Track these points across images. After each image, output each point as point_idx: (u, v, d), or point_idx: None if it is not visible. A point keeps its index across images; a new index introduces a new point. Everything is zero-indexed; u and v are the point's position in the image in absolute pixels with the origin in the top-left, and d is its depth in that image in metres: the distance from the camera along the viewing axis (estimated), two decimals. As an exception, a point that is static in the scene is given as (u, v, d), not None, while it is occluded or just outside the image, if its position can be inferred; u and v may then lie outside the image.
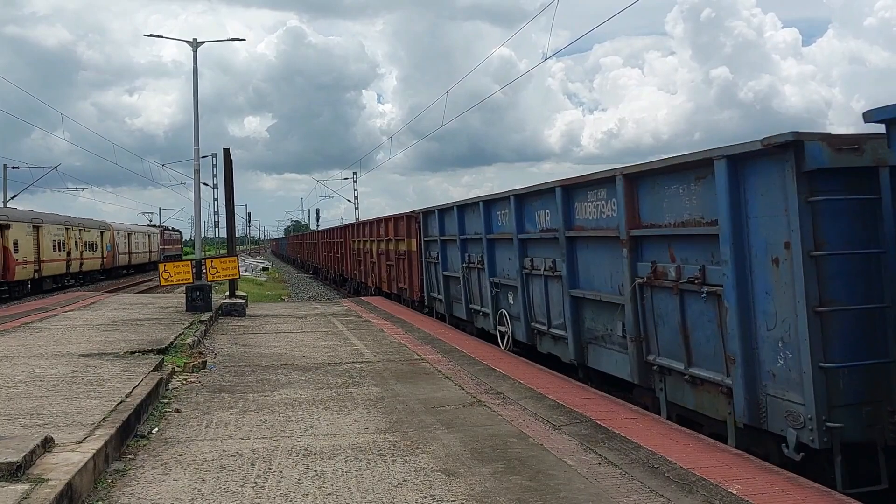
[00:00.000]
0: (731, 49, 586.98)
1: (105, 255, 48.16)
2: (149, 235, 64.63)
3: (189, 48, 24.28)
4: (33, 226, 34.19)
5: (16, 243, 31.59)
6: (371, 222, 25.39)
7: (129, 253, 56.36)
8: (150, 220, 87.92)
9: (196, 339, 12.05)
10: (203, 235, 42.75)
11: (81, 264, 41.98)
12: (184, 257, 70.89)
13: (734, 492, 4.87)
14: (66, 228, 39.41)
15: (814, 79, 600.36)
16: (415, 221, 18.89)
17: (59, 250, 37.99)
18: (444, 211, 15.97)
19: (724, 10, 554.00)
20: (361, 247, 27.05)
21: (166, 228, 79.68)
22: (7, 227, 31.02)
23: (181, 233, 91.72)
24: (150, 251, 64.02)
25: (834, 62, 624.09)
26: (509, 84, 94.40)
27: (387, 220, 22.44)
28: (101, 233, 47.64)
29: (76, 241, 40.98)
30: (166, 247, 73.11)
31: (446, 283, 15.99)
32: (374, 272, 24.55)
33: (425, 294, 17.98)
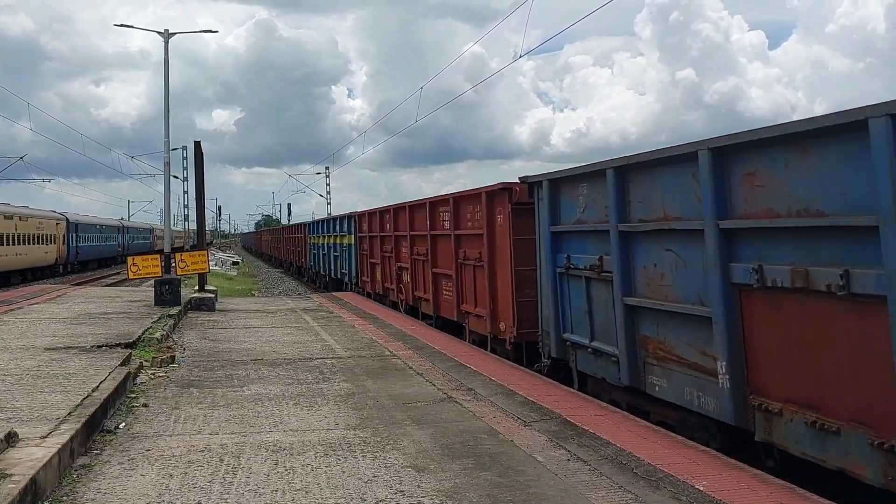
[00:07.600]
0: (697, 51, 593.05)
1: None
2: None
3: (159, 39, 23.83)
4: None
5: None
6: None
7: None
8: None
9: (165, 333, 11.92)
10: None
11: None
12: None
13: (701, 488, 4.93)
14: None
15: (780, 82, 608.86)
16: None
17: None
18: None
19: (692, 13, 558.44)
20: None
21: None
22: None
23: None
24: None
25: (798, 66, 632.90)
26: (482, 82, 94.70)
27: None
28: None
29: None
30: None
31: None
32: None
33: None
